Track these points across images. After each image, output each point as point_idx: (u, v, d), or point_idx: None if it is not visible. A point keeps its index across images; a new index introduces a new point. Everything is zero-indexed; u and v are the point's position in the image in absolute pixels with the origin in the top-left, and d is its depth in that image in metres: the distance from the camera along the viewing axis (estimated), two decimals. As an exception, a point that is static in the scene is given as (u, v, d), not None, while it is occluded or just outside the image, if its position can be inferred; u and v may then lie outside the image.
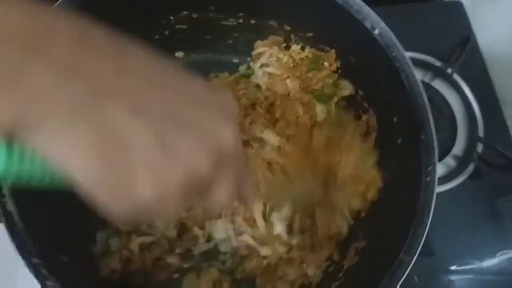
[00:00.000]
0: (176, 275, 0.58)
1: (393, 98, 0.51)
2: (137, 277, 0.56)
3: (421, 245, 0.44)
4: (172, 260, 0.58)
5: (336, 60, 0.59)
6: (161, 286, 0.57)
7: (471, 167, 0.75)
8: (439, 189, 0.73)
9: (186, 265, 0.58)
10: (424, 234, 0.44)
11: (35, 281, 0.36)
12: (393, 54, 0.49)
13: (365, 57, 0.53)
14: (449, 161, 0.76)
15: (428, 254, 0.66)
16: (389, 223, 0.51)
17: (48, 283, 0.37)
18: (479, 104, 0.77)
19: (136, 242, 0.54)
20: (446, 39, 0.80)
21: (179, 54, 0.64)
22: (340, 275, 0.54)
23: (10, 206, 0.38)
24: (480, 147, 0.75)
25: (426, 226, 0.44)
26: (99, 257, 0.54)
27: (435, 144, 0.46)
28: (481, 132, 0.75)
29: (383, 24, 0.48)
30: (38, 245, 0.38)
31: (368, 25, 0.48)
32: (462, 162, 0.76)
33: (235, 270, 0.57)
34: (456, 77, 0.77)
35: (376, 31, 0.48)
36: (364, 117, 0.58)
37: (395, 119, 0.52)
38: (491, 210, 0.75)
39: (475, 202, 0.75)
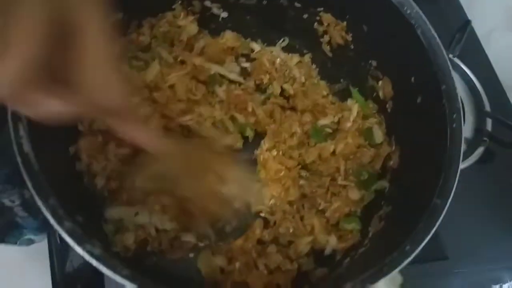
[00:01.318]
0: (191, 255, 0.56)
1: (409, 58, 0.52)
2: (151, 257, 0.54)
3: (454, 187, 0.43)
4: (188, 238, 0.56)
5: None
6: (176, 265, 0.54)
7: (482, 148, 0.75)
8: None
9: (202, 244, 0.57)
10: (456, 176, 0.43)
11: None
12: (408, 12, 0.50)
13: (378, 22, 0.55)
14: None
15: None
16: (414, 183, 0.51)
17: (66, 223, 0.36)
18: (482, 85, 0.79)
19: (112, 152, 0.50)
20: (443, 27, 0.83)
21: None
22: (365, 242, 0.52)
23: (27, 147, 0.38)
24: (489, 125, 0.76)
25: (458, 168, 0.44)
26: (111, 233, 0.52)
27: (457, 91, 0.47)
28: (487, 109, 0.76)
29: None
30: (54, 189, 0.37)
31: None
32: (472, 144, 0.76)
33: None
34: (457, 60, 0.79)
35: (388, -10, 0.50)
36: (379, 85, 0.59)
37: (412, 79, 0.53)
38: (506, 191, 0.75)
39: (488, 183, 0.75)
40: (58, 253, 0.60)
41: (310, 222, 0.54)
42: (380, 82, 0.59)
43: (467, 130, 0.77)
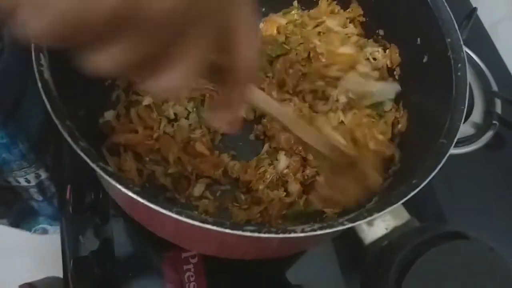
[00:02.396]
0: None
1: (415, 19, 0.54)
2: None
3: (459, 129, 0.44)
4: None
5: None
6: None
7: (491, 131, 0.75)
8: (461, 150, 0.74)
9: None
10: (461, 118, 0.44)
11: None
12: (412, -27, 0.52)
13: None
14: (467, 128, 0.77)
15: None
16: (421, 137, 0.51)
17: (80, 143, 0.37)
18: (490, 70, 0.80)
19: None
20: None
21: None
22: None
23: (47, 74, 0.40)
24: (499, 108, 0.76)
25: (463, 112, 0.45)
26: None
27: (461, 42, 0.48)
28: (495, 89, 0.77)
29: None
30: (71, 112, 0.39)
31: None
32: (482, 128, 0.76)
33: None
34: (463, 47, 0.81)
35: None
36: (386, 54, 0.61)
37: (418, 40, 0.54)
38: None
39: (498, 167, 0.75)
40: (71, 241, 0.62)
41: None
42: (387, 51, 0.61)
43: (476, 114, 0.78)
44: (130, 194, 0.36)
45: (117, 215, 0.61)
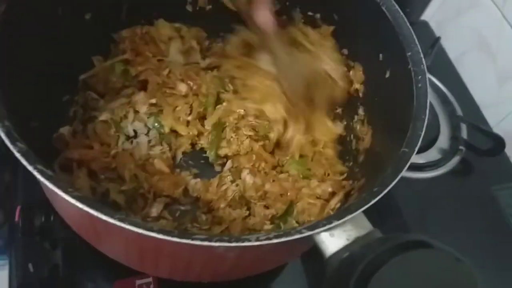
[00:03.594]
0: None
1: (377, 35, 0.54)
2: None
3: (420, 139, 0.43)
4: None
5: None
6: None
7: (458, 157, 0.75)
8: (428, 175, 0.73)
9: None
10: (423, 128, 0.43)
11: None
12: (373, -9, 0.53)
13: (347, 6, 0.58)
14: (434, 153, 0.77)
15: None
16: (385, 148, 0.51)
17: (19, 144, 0.35)
18: (454, 97, 0.81)
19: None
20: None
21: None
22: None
23: None
24: (464, 133, 0.77)
25: (424, 121, 0.44)
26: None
27: (422, 55, 0.49)
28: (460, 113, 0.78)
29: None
30: (9, 110, 0.37)
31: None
32: (448, 153, 0.77)
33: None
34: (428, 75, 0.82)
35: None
36: (351, 74, 0.61)
37: (380, 56, 0.55)
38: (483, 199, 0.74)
39: (466, 191, 0.75)
40: (19, 269, 0.57)
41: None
42: (351, 71, 0.61)
43: (442, 139, 0.78)
44: (69, 198, 0.33)
45: (67, 239, 0.57)
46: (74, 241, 0.55)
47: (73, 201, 0.33)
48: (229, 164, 0.58)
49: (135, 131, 0.59)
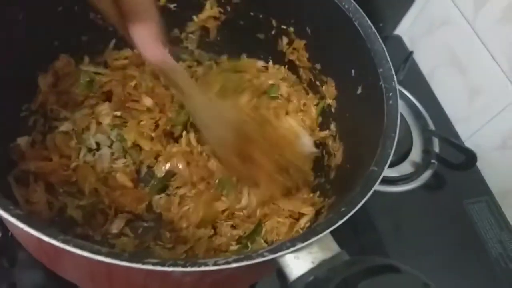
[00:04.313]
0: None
1: (349, 51, 0.54)
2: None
3: (390, 157, 0.42)
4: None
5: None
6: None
7: (430, 170, 0.75)
8: (401, 188, 0.73)
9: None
10: (392, 147, 0.42)
11: None
12: (346, 6, 0.52)
13: (320, 21, 0.57)
14: (406, 167, 0.77)
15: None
16: (355, 166, 0.49)
17: None
18: (426, 110, 0.81)
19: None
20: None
21: None
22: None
23: None
24: (436, 147, 0.77)
25: (394, 140, 0.43)
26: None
27: (393, 72, 0.48)
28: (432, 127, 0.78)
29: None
30: None
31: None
32: (421, 167, 0.76)
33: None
34: (400, 88, 0.82)
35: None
36: (323, 89, 0.60)
37: (352, 72, 0.54)
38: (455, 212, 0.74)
39: (438, 205, 0.75)
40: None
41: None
42: (324, 86, 0.60)
43: (415, 153, 0.78)
44: (8, 217, 0.30)
45: (25, 258, 0.54)
46: (31, 259, 0.52)
47: (13, 220, 0.30)
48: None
49: (97, 143, 0.56)
